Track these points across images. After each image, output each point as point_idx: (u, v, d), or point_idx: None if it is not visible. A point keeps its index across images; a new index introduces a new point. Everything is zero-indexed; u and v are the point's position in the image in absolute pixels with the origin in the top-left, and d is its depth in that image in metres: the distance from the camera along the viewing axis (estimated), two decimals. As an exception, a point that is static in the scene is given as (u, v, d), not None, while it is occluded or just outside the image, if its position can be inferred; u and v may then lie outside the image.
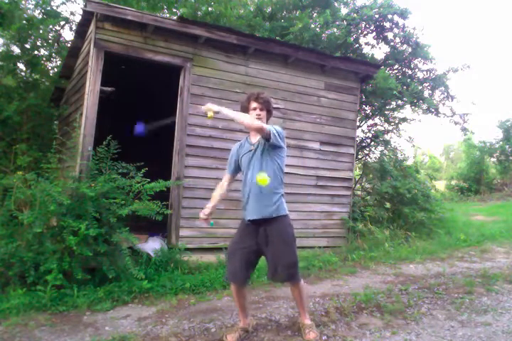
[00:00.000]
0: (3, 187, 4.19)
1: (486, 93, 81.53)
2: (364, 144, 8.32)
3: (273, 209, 2.78)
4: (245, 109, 2.90)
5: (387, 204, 7.39)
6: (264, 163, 2.80)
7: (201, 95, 5.07)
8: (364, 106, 8.30)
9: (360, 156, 8.37)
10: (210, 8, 9.94)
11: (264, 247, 2.79)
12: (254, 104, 2.85)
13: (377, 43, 8.76)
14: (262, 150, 2.82)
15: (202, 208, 4.89)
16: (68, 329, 2.95)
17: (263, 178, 2.68)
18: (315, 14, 9.46)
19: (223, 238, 5.07)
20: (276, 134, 2.76)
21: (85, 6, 4.38)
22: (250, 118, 2.75)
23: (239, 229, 2.97)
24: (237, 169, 3.02)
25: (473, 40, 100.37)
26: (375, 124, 8.56)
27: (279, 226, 2.81)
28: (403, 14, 8.12)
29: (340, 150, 6.09)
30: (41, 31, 6.88)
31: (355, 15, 8.47)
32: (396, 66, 8.79)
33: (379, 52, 18.94)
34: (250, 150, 2.87)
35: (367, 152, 8.49)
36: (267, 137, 2.72)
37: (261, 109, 2.85)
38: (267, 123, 2.88)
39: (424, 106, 8.55)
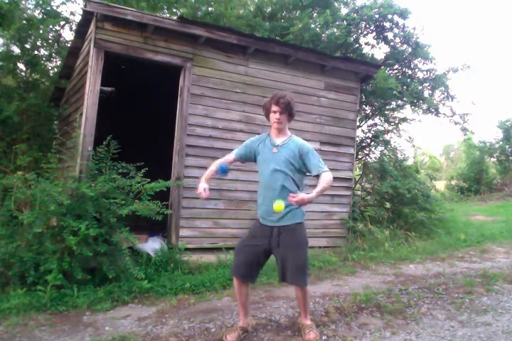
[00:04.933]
0: (3, 187, 4.19)
1: (486, 93, 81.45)
2: (364, 144, 8.32)
3: (288, 217, 2.78)
4: (267, 111, 2.89)
5: (387, 204, 7.39)
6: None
7: (201, 95, 5.07)
8: (364, 106, 8.30)
9: (360, 156, 8.37)
10: (210, 8, 9.94)
11: (276, 248, 2.79)
12: (274, 108, 2.82)
13: (377, 43, 8.75)
14: (289, 162, 2.81)
15: (202, 208, 5.00)
16: (68, 329, 2.95)
17: (279, 205, 2.53)
18: (315, 14, 9.44)
19: (223, 238, 5.08)
20: None
21: (85, 6, 4.38)
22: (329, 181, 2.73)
23: (252, 227, 2.96)
24: (245, 159, 2.98)
25: (473, 40, 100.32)
26: (375, 124, 8.56)
27: (294, 230, 2.81)
28: (403, 14, 8.11)
29: (340, 150, 6.09)
30: (41, 31, 6.87)
31: (355, 15, 8.46)
32: (396, 66, 8.78)
33: (379, 52, 19.00)
34: (273, 152, 2.84)
35: (367, 152, 8.48)
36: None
37: (281, 113, 2.82)
38: (287, 125, 2.93)
39: (424, 106, 8.54)
